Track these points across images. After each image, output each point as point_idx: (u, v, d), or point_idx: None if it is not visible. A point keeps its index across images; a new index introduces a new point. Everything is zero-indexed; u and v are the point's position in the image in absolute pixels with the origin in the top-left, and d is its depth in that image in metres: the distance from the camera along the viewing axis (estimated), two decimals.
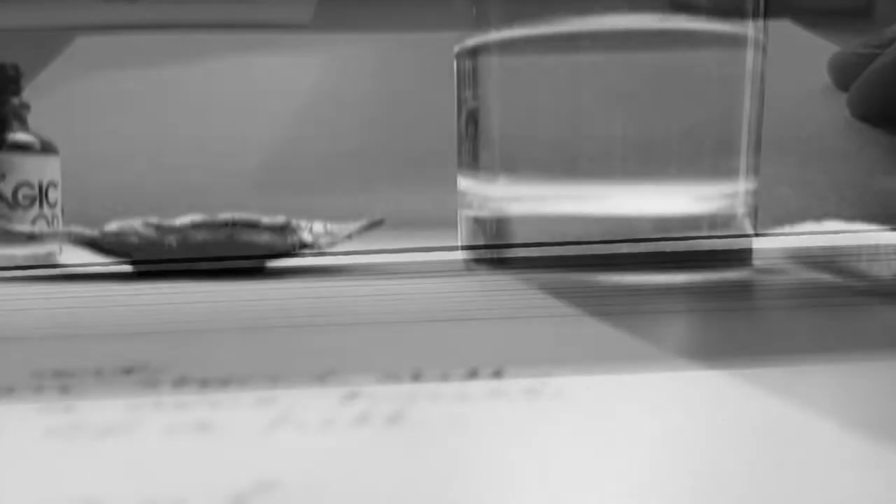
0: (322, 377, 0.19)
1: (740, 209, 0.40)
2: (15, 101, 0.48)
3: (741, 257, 0.41)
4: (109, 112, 0.69)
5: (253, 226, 0.45)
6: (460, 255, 0.45)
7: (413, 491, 0.13)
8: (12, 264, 0.46)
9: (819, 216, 0.42)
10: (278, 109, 0.70)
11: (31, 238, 0.42)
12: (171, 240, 0.40)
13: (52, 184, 0.47)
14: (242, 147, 0.66)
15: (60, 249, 0.48)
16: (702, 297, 0.35)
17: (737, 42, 0.40)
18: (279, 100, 0.71)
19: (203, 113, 0.70)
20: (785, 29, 0.74)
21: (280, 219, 0.45)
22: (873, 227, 0.38)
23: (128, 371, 0.20)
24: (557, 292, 0.33)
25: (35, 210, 0.46)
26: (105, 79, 0.73)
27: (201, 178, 0.63)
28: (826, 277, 0.38)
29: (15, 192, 0.46)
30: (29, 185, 0.46)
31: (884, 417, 0.17)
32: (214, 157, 0.65)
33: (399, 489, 0.13)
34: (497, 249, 0.42)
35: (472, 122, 0.42)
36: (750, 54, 0.40)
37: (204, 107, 0.71)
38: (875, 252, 0.33)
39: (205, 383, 0.18)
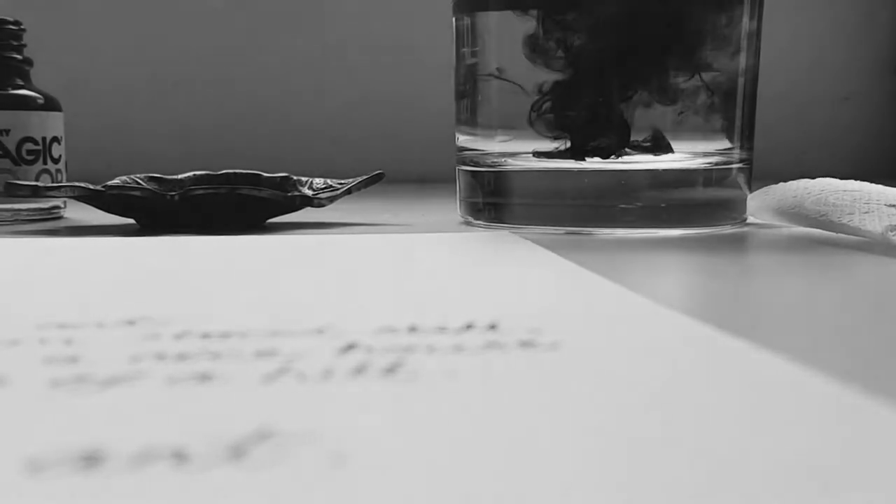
0: (321, 329, 0.19)
1: (735, 165, 0.41)
2: (17, 56, 0.48)
3: (735, 213, 0.41)
4: None
5: (254, 180, 0.45)
6: (458, 209, 0.45)
7: (409, 440, 0.13)
8: (17, 218, 0.46)
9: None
10: None
11: (35, 192, 0.42)
12: (174, 194, 0.40)
13: (56, 139, 0.47)
14: None
15: (64, 204, 0.49)
16: (697, 251, 0.35)
17: None
18: None
19: None
20: None
21: (280, 173, 0.46)
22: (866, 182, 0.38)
23: (131, 323, 0.20)
24: (553, 246, 0.33)
25: (39, 165, 0.46)
26: None
27: None
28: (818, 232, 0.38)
29: (19, 148, 0.46)
30: (33, 140, 0.46)
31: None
32: None
33: (396, 439, 0.13)
34: (494, 204, 0.42)
35: (470, 79, 0.42)
36: (746, 8, 0.40)
37: None
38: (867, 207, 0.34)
39: (206, 335, 0.19)
